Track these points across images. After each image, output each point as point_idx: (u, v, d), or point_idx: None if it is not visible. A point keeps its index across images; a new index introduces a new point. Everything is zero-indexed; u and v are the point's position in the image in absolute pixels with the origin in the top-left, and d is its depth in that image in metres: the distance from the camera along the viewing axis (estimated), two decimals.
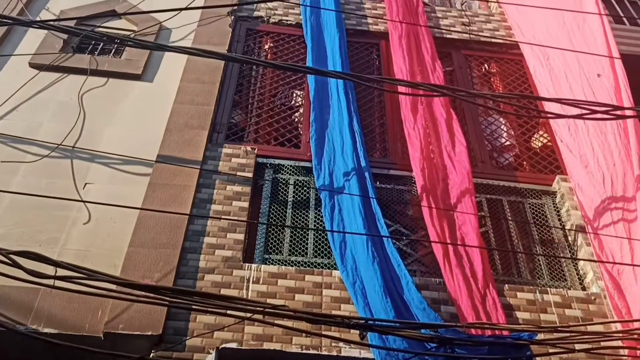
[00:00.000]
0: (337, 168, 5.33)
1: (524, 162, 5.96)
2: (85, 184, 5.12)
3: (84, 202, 4.73)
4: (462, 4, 7.69)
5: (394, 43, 6.55)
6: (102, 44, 6.30)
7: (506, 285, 4.75)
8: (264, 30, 7.02)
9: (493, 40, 7.06)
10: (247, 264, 4.68)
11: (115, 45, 6.29)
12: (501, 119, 6.31)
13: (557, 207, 5.51)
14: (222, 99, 6.08)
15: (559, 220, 5.42)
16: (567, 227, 5.32)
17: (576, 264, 5.10)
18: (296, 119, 6.30)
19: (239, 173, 5.32)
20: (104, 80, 5.98)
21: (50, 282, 3.05)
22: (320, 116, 5.79)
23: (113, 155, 5.25)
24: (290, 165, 5.59)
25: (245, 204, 5.11)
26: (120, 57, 6.24)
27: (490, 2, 7.74)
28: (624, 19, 7.48)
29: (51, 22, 4.86)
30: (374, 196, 5.03)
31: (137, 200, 4.94)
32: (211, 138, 5.64)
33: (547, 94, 6.09)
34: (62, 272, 3.11)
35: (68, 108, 5.66)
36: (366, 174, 5.27)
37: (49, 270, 3.07)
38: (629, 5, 7.71)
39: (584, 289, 4.91)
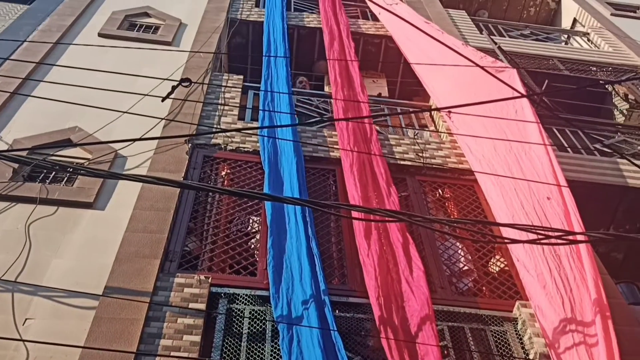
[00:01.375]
0: (295, 296, 5.16)
1: (484, 288, 5.92)
2: (26, 319, 4.78)
3: (22, 340, 4.39)
4: (414, 134, 7.96)
5: (346, 170, 6.66)
6: (54, 172, 6.19)
7: None
8: (221, 157, 7.06)
9: (445, 166, 7.28)
10: None
11: (68, 174, 6.19)
12: (458, 244, 6.34)
13: (520, 335, 5.39)
14: (176, 227, 5.95)
15: (522, 348, 5.29)
16: (531, 356, 5.17)
17: None
18: (252, 246, 6.19)
19: (191, 304, 5.08)
20: (54, 209, 5.80)
21: None
22: (277, 242, 5.70)
23: (57, 289, 4.97)
24: (246, 295, 5.37)
25: (197, 338, 4.83)
26: (72, 186, 6.11)
27: (441, 132, 8.07)
28: (566, 146, 7.89)
29: (1, 152, 4.77)
30: (334, 327, 4.84)
31: (80, 336, 4.63)
32: (163, 267, 5.44)
33: (499, 211, 6.19)
34: None
35: (13, 238, 5.42)
36: (326, 301, 5.10)
37: None
38: (570, 134, 8.16)
39: None
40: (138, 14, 9.99)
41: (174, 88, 6.02)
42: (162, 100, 5.87)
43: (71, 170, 5.25)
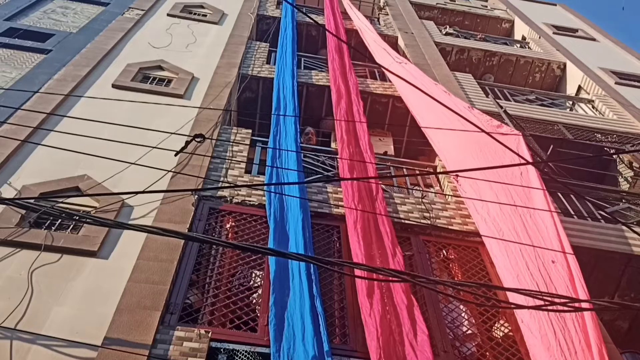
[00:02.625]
0: (297, 356, 5.06)
1: (487, 353, 5.81)
2: None
3: None
4: (421, 195, 7.99)
5: (350, 228, 6.67)
6: (60, 219, 6.22)
7: None
8: (227, 209, 7.09)
9: (450, 227, 7.29)
10: None
11: (74, 221, 6.21)
12: (462, 307, 6.28)
13: None
14: (178, 278, 5.93)
15: None
16: None
17: None
18: (254, 301, 6.13)
19: (190, 359, 5.01)
20: (58, 257, 5.80)
21: None
22: (280, 299, 5.64)
23: (56, 338, 4.92)
24: (246, 351, 5.29)
25: None
26: (77, 233, 6.13)
27: (447, 194, 8.11)
28: (572, 212, 7.89)
29: (9, 199, 4.82)
30: None
31: None
32: (163, 320, 5.39)
33: (504, 270, 6.14)
34: None
35: (16, 285, 5.40)
36: None
37: None
38: (575, 200, 8.17)
39: None
40: (152, 66, 10.26)
41: (187, 143, 6.13)
42: (176, 155, 5.95)
43: (77, 218, 5.27)
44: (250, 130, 8.92)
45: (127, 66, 10.03)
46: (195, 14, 13.50)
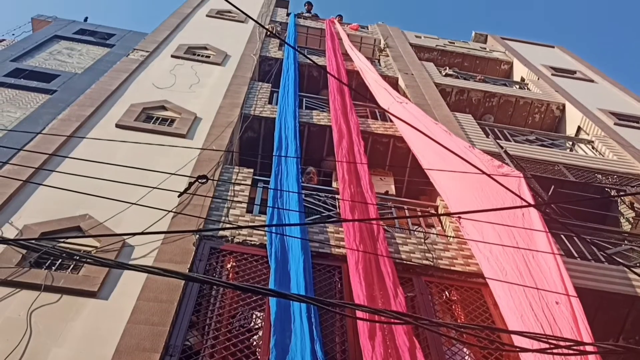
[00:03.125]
0: None
1: None
2: None
3: None
4: (424, 237, 7.96)
5: (352, 268, 6.63)
6: (60, 259, 6.19)
7: None
8: (228, 249, 7.07)
9: (452, 268, 7.24)
10: None
11: (74, 261, 6.19)
12: (465, 349, 6.19)
13: None
14: (178, 320, 5.87)
15: None
16: None
17: None
18: (254, 343, 6.06)
19: None
20: (58, 297, 5.75)
21: None
22: (281, 341, 5.58)
23: None
24: None
25: None
26: (77, 273, 6.09)
27: (449, 236, 8.09)
28: (574, 253, 7.84)
29: (10, 239, 4.81)
30: None
31: None
32: None
33: (507, 310, 6.07)
34: None
35: (15, 326, 5.34)
36: None
37: None
38: (578, 241, 8.14)
39: None
40: (155, 106, 10.36)
41: (190, 184, 6.14)
42: (179, 196, 5.98)
43: (78, 258, 5.25)
44: (252, 170, 8.96)
45: (131, 106, 10.13)
46: (198, 55, 13.71)
